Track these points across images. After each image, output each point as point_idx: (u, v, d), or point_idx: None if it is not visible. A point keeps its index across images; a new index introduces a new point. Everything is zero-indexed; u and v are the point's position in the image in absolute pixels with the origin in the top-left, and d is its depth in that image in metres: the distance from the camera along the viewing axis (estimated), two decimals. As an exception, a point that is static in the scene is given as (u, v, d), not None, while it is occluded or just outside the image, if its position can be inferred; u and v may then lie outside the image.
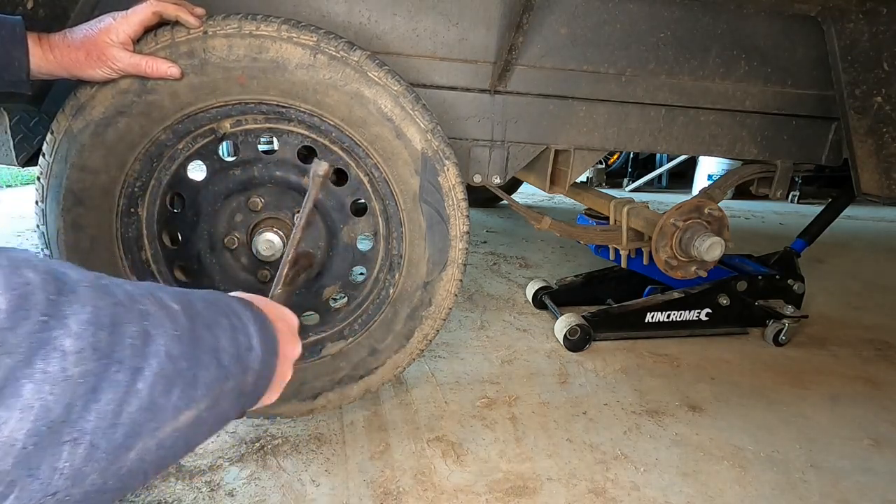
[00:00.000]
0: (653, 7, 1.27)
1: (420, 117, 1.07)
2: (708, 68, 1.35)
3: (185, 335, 0.42)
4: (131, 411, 0.36)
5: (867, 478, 1.24)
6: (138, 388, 0.36)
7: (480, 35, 1.23)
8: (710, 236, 1.47)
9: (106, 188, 1.05)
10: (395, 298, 1.20)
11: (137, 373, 0.36)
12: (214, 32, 0.97)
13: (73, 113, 0.99)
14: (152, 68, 0.94)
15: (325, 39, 1.00)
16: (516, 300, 2.18)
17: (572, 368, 1.66)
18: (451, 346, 1.76)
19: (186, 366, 0.41)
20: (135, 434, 0.37)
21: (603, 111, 1.35)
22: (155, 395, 0.38)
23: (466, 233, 1.17)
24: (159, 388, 0.38)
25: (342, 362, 1.24)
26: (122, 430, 0.36)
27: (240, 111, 1.07)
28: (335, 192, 1.18)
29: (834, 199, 2.01)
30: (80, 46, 0.87)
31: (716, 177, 4.67)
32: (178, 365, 0.40)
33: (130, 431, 0.36)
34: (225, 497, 1.08)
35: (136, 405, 0.36)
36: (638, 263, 1.80)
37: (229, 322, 0.48)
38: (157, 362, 0.38)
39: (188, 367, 0.41)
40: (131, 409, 0.36)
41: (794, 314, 1.87)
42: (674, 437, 1.35)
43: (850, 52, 1.31)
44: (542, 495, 1.13)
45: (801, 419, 1.46)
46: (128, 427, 0.36)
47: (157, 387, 0.38)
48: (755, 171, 1.58)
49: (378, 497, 1.10)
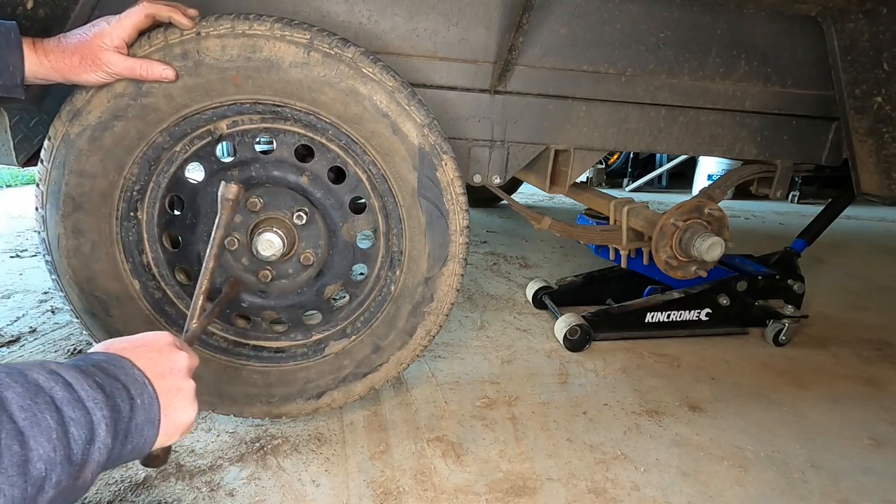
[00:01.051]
0: (653, 7, 1.27)
1: (416, 112, 1.07)
2: (708, 68, 1.35)
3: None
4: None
5: (867, 478, 1.24)
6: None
7: (480, 35, 1.23)
8: (710, 236, 1.47)
9: (105, 192, 1.05)
10: (396, 295, 1.20)
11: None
12: (208, 33, 0.96)
13: (69, 118, 0.99)
14: (147, 71, 0.94)
15: (318, 37, 1.00)
16: (516, 300, 2.18)
17: (572, 368, 1.66)
18: (451, 346, 1.76)
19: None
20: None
21: (603, 111, 1.35)
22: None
23: (466, 227, 1.17)
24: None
25: (346, 360, 1.24)
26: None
27: (236, 111, 1.07)
28: (334, 190, 1.18)
29: (834, 199, 2.01)
30: (74, 51, 0.87)
31: (716, 177, 4.67)
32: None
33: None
34: (225, 497, 1.08)
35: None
36: (638, 263, 1.80)
37: (59, 417, 0.44)
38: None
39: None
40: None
41: (794, 314, 1.87)
42: (674, 437, 1.35)
43: (850, 52, 1.30)
44: (542, 495, 1.13)
45: (801, 419, 1.46)
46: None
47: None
48: (755, 171, 1.58)
49: (378, 497, 1.10)
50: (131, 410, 0.52)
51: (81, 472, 0.46)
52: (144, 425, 0.54)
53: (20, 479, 0.40)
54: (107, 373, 0.52)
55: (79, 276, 1.09)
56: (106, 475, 1.11)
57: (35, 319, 1.79)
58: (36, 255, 2.45)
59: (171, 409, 0.58)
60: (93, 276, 1.10)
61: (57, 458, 0.43)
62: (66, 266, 1.08)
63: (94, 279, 1.11)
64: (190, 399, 0.61)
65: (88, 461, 0.47)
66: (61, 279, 1.10)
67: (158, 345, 0.61)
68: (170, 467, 1.15)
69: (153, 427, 0.56)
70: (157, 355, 0.59)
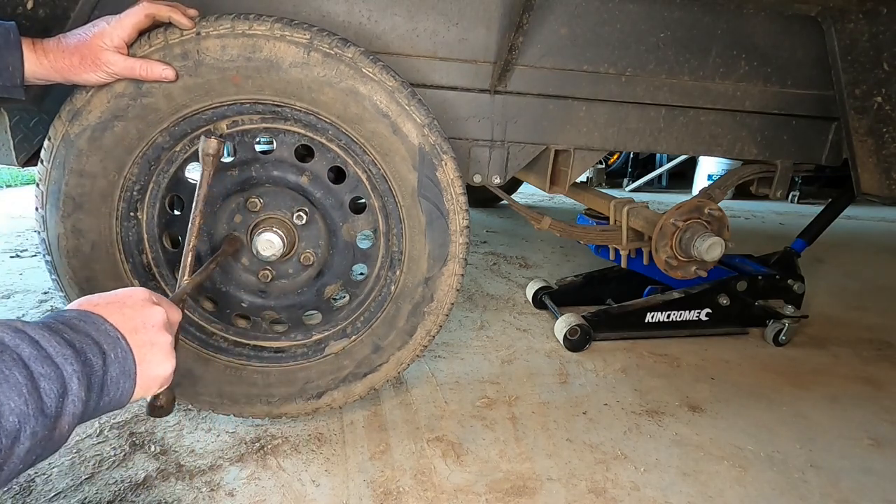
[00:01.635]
0: (653, 7, 1.27)
1: (416, 112, 1.07)
2: (708, 68, 1.35)
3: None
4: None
5: (867, 478, 1.24)
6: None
7: (480, 35, 1.23)
8: (710, 236, 1.47)
9: (105, 192, 1.05)
10: (396, 295, 1.20)
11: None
12: (208, 33, 0.96)
13: (69, 118, 0.99)
14: (147, 71, 0.94)
15: (318, 37, 1.00)
16: (516, 300, 2.18)
17: (572, 368, 1.66)
18: (451, 346, 1.76)
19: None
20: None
21: (603, 111, 1.35)
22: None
23: (466, 227, 1.17)
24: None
25: (346, 360, 1.24)
26: None
27: (236, 111, 1.07)
28: (334, 190, 1.18)
29: (834, 199, 2.01)
30: (74, 51, 0.87)
31: (716, 177, 4.67)
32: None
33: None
34: (225, 497, 1.08)
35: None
36: (638, 263, 1.80)
37: (27, 373, 0.45)
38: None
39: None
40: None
41: (794, 314, 1.87)
42: (674, 437, 1.35)
43: (850, 52, 1.30)
44: (542, 495, 1.13)
45: (801, 419, 1.46)
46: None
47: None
48: (755, 171, 1.58)
49: (378, 497, 1.10)
50: (104, 364, 0.53)
51: (57, 424, 0.47)
52: (119, 378, 0.55)
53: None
54: (76, 329, 0.53)
55: (79, 276, 1.09)
56: (106, 475, 1.11)
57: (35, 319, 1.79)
58: (36, 255, 2.45)
59: (145, 363, 0.59)
60: (93, 276, 1.10)
61: (29, 411, 0.44)
62: (66, 266, 1.08)
63: (94, 279, 1.11)
64: (165, 353, 0.62)
65: (63, 413, 0.47)
66: (61, 279, 1.10)
67: (132, 300, 0.61)
68: (170, 467, 1.15)
69: (129, 379, 0.56)
70: (130, 311, 0.60)
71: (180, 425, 1.28)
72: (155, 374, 0.60)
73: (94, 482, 1.09)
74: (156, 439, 1.23)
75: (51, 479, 1.10)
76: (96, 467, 1.13)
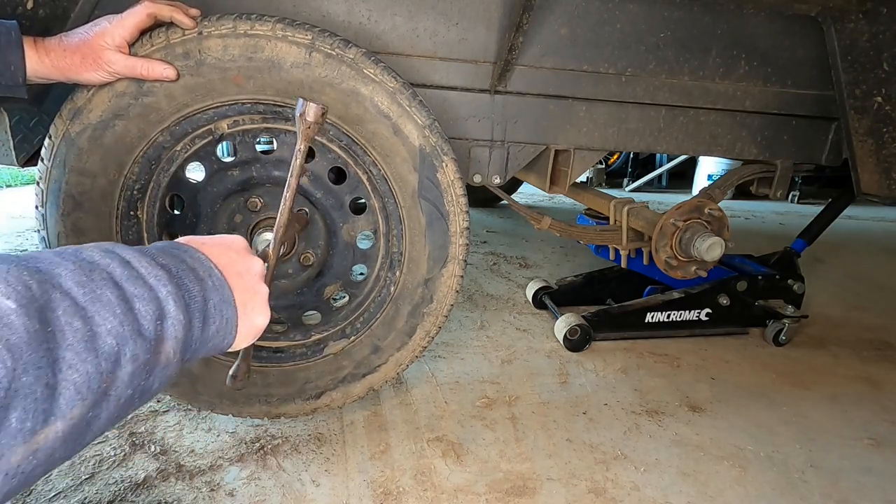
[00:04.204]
0: (653, 7, 1.27)
1: (417, 113, 1.07)
2: (708, 68, 1.35)
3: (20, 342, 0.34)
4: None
5: (867, 478, 1.24)
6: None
7: (480, 35, 1.23)
8: (710, 236, 1.47)
9: (105, 191, 1.05)
10: (396, 296, 1.20)
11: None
12: (209, 33, 0.96)
13: (70, 117, 0.99)
14: (148, 70, 0.94)
15: (320, 37, 1.00)
16: (516, 300, 2.18)
17: (572, 368, 1.66)
18: (451, 346, 1.76)
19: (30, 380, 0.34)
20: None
21: (603, 111, 1.35)
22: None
23: (466, 229, 1.17)
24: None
25: (345, 361, 1.24)
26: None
27: (237, 111, 1.07)
28: (334, 190, 1.18)
29: (834, 199, 2.01)
30: (75, 50, 0.87)
31: (716, 177, 4.67)
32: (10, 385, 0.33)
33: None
34: (225, 497, 1.08)
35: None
36: (638, 263, 1.80)
37: (119, 293, 0.42)
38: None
39: (34, 379, 0.34)
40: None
41: (794, 314, 1.87)
42: (674, 437, 1.35)
43: (850, 52, 1.30)
44: (542, 495, 1.13)
45: (801, 419, 1.46)
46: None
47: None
48: (755, 171, 1.58)
49: (378, 497, 1.10)
50: (202, 290, 0.50)
51: (160, 348, 0.44)
52: (221, 306, 0.52)
53: (90, 353, 0.38)
54: (170, 255, 0.50)
55: (79, 276, 1.09)
56: (106, 475, 1.11)
57: (35, 319, 1.79)
58: (36, 255, 2.44)
59: (248, 309, 0.56)
60: (93, 276, 1.10)
61: (126, 332, 0.41)
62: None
63: (95, 279, 1.10)
64: (265, 303, 0.59)
65: (164, 337, 0.45)
66: (61, 279, 1.09)
67: (237, 246, 0.60)
68: (170, 467, 1.15)
69: (230, 308, 0.53)
70: (235, 255, 0.58)
71: (180, 425, 1.28)
72: (255, 322, 0.58)
73: (94, 482, 1.09)
74: (156, 439, 1.23)
75: (51, 479, 1.10)
76: (96, 467, 1.13)
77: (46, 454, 0.36)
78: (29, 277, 0.37)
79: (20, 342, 0.34)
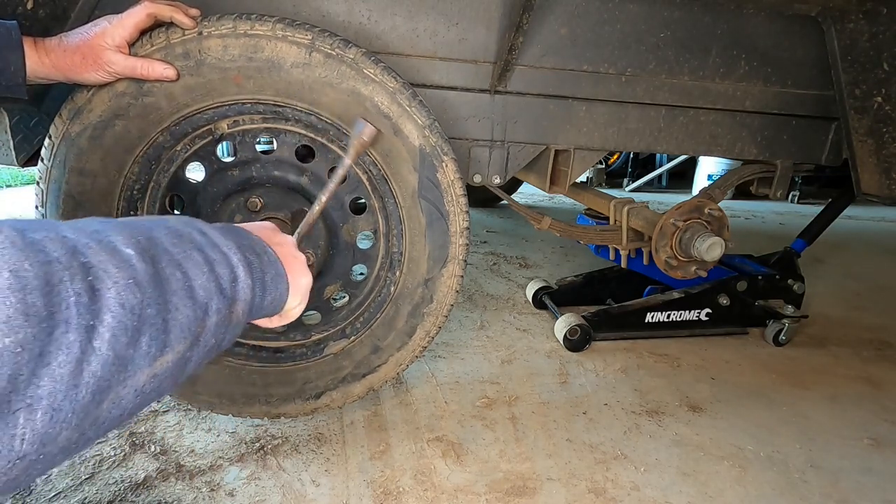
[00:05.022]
0: (653, 7, 1.27)
1: (417, 113, 1.07)
2: (708, 68, 1.35)
3: (143, 281, 0.40)
4: (93, 370, 0.35)
5: (867, 478, 1.24)
6: (95, 346, 0.35)
7: (480, 35, 1.23)
8: (710, 236, 1.47)
9: (105, 191, 1.05)
10: (396, 296, 1.20)
11: (91, 331, 0.35)
12: (209, 33, 0.96)
13: (70, 117, 0.99)
14: (148, 70, 0.94)
15: (320, 37, 1.00)
16: (516, 300, 2.18)
17: (572, 368, 1.66)
18: (451, 346, 1.76)
19: (153, 312, 0.40)
20: (103, 390, 0.36)
21: (603, 111, 1.35)
22: (118, 349, 0.37)
23: (466, 229, 1.17)
24: (122, 341, 0.37)
25: (345, 361, 1.24)
26: (86, 390, 0.35)
27: (237, 111, 1.07)
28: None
29: (834, 199, 2.01)
30: (75, 50, 0.87)
31: (716, 177, 4.67)
32: (140, 313, 0.38)
33: (97, 388, 0.35)
34: (225, 497, 1.08)
35: (98, 363, 0.35)
36: (638, 263, 1.80)
37: (203, 256, 0.48)
38: (111, 317, 0.36)
39: (155, 312, 0.40)
40: (93, 368, 0.35)
41: (794, 314, 1.87)
42: (674, 437, 1.35)
43: (850, 52, 1.30)
44: (542, 495, 1.13)
45: (801, 419, 1.46)
46: (93, 385, 0.35)
47: (120, 340, 0.37)
48: (755, 171, 1.58)
49: (378, 497, 1.10)
50: (261, 263, 0.56)
51: (234, 307, 0.50)
52: (276, 279, 0.58)
53: (189, 300, 0.44)
54: (232, 232, 0.56)
55: (79, 276, 1.09)
56: (106, 475, 1.11)
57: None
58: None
59: (293, 271, 0.62)
60: (93, 276, 1.10)
61: (212, 288, 0.47)
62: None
63: (95, 279, 1.10)
64: (305, 266, 0.65)
65: (237, 298, 0.50)
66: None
67: (269, 226, 0.66)
68: (170, 467, 1.15)
69: (283, 281, 0.60)
70: (269, 231, 0.64)
71: (180, 425, 1.28)
72: (301, 283, 0.63)
73: (94, 482, 1.09)
74: (156, 439, 1.23)
75: (51, 478, 1.10)
76: (96, 467, 1.13)
77: (160, 381, 0.41)
78: (138, 233, 0.43)
79: (143, 281, 0.40)
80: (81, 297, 0.35)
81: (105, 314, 0.36)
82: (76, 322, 0.34)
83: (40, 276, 0.33)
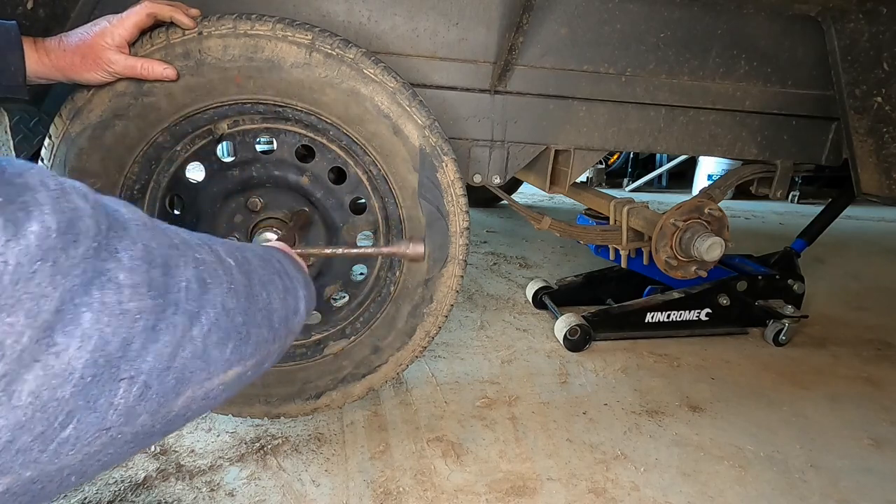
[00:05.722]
0: (653, 7, 1.27)
1: (417, 113, 1.07)
2: (708, 68, 1.35)
3: (240, 290, 0.41)
4: (185, 358, 0.35)
5: (867, 478, 1.24)
6: (193, 334, 0.36)
7: (480, 35, 1.23)
8: (710, 236, 1.47)
9: (105, 191, 1.05)
10: (396, 296, 1.20)
11: (194, 318, 0.36)
12: (209, 33, 0.96)
13: (70, 116, 0.99)
14: (148, 70, 0.94)
15: (320, 37, 1.00)
16: (516, 300, 2.18)
17: (572, 368, 1.66)
18: (451, 346, 1.76)
19: (241, 321, 0.41)
20: (185, 381, 0.36)
21: (603, 111, 1.35)
22: (209, 345, 0.37)
23: (466, 229, 1.17)
24: (213, 338, 0.37)
25: (345, 361, 1.24)
26: (173, 376, 0.35)
27: (237, 111, 1.07)
28: (334, 190, 1.18)
29: (834, 199, 2.01)
30: (75, 50, 0.87)
31: (716, 177, 4.67)
32: (233, 319, 0.39)
33: (181, 378, 0.36)
34: (225, 497, 1.08)
35: (190, 352, 0.36)
36: (638, 263, 1.80)
37: (282, 283, 0.50)
38: (213, 312, 0.37)
39: (243, 322, 0.41)
40: (185, 356, 0.35)
41: (794, 314, 1.87)
42: (674, 437, 1.35)
43: (850, 52, 1.30)
44: (542, 495, 1.13)
45: (801, 419, 1.46)
46: (179, 373, 0.35)
47: (212, 337, 0.37)
48: (755, 171, 1.58)
49: (378, 497, 1.10)
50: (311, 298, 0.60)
51: (288, 340, 0.52)
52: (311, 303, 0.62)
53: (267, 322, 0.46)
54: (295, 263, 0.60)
55: (79, 276, 1.09)
56: (106, 475, 1.11)
57: (35, 319, 1.79)
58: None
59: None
60: (93, 276, 1.10)
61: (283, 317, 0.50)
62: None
63: (95, 279, 1.10)
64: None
65: (292, 331, 0.53)
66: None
67: (287, 249, 0.69)
68: (170, 467, 1.15)
69: (312, 303, 0.63)
70: (294, 258, 0.67)
71: (180, 425, 1.28)
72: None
73: (94, 482, 1.09)
74: (156, 439, 1.23)
75: (51, 478, 1.09)
76: (96, 467, 1.13)
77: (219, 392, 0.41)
78: (233, 249, 0.45)
79: (240, 291, 0.41)
80: (191, 285, 0.36)
81: (208, 308, 0.37)
82: (184, 306, 0.35)
83: (164, 255, 0.35)
